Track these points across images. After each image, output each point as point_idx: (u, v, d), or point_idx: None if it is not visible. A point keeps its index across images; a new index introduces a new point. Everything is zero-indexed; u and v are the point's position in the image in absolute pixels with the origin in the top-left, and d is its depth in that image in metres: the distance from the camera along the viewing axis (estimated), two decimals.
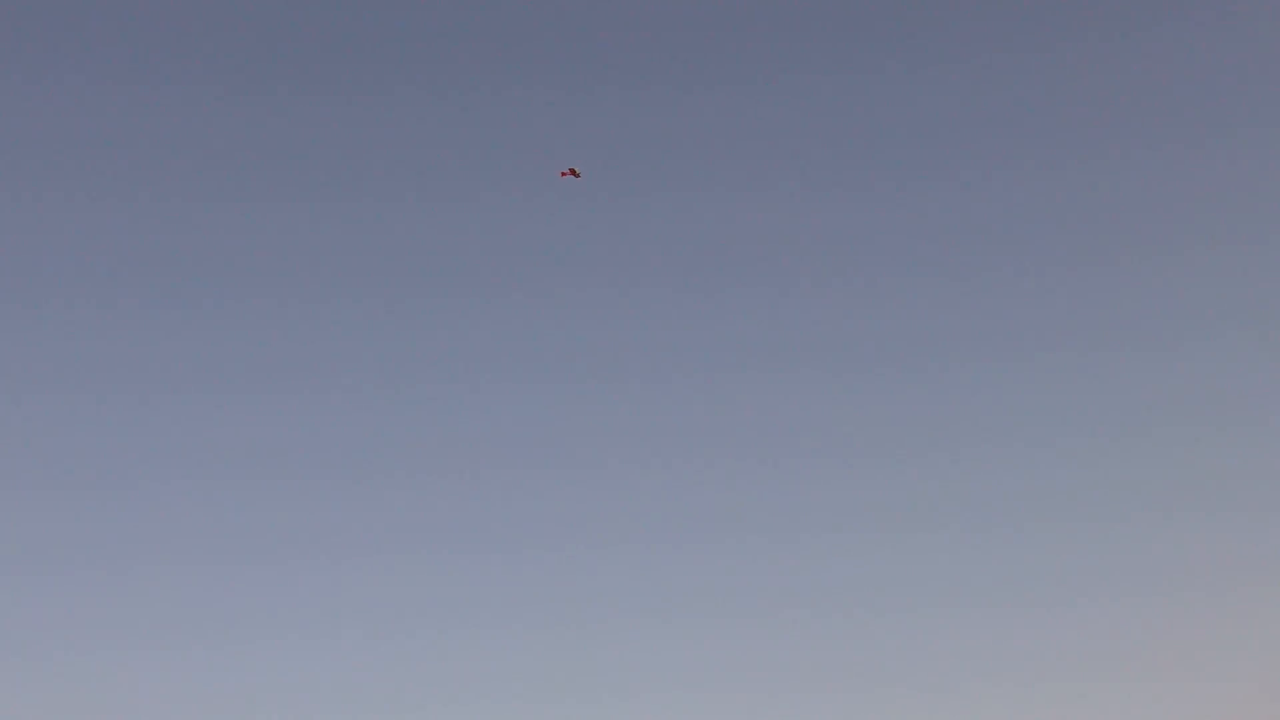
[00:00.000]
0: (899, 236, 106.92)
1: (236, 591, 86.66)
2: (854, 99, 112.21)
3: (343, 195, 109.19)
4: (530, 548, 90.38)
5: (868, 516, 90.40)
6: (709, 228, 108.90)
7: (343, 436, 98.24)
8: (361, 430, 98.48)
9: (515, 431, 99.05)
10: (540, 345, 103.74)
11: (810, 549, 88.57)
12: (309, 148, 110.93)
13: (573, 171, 66.32)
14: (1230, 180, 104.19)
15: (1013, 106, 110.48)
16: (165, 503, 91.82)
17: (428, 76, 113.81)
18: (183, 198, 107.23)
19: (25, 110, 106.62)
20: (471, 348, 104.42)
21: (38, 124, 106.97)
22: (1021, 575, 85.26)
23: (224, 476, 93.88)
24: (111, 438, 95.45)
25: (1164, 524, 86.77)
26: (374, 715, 78.79)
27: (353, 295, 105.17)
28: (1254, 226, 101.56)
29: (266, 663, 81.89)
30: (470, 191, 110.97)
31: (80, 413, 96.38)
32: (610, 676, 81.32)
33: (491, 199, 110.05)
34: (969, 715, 76.25)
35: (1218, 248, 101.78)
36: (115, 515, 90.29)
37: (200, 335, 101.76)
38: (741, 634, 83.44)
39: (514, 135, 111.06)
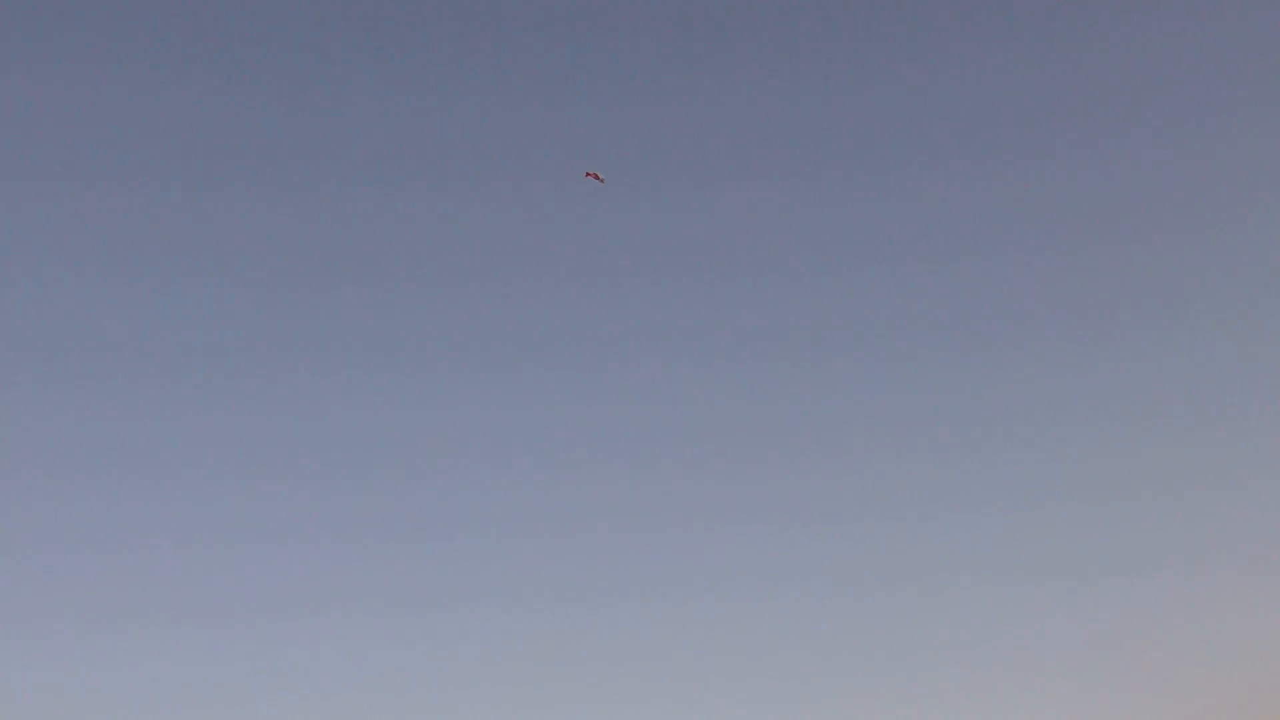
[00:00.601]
0: (893, 231, 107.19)
1: (230, 578, 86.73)
2: (844, 94, 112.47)
3: (348, 190, 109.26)
4: (525, 537, 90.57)
5: (864, 506, 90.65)
6: (703, 223, 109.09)
7: (338, 425, 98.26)
8: (358, 420, 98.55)
9: (508, 423, 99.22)
10: (535, 337, 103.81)
11: (809, 538, 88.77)
12: (317, 143, 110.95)
13: (596, 176, 66.83)
14: (1222, 172, 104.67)
15: (1004, 101, 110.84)
16: (162, 490, 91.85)
17: (431, 74, 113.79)
18: (186, 190, 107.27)
19: (29, 102, 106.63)
20: (465, 339, 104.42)
21: (43, 116, 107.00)
22: (1018, 563, 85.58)
23: (215, 464, 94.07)
24: (107, 425, 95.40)
25: (1157, 512, 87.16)
26: (372, 699, 79.01)
27: (344, 287, 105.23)
28: (1246, 217, 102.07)
29: (264, 648, 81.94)
30: (465, 186, 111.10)
31: (77, 401, 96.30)
32: (605, 665, 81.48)
33: (486, 194, 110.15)
34: (967, 701, 76.40)
35: (1211, 239, 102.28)
36: (110, 502, 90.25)
37: (203, 324, 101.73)
38: (743, 623, 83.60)
39: (507, 131, 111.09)
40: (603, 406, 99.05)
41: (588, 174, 67.74)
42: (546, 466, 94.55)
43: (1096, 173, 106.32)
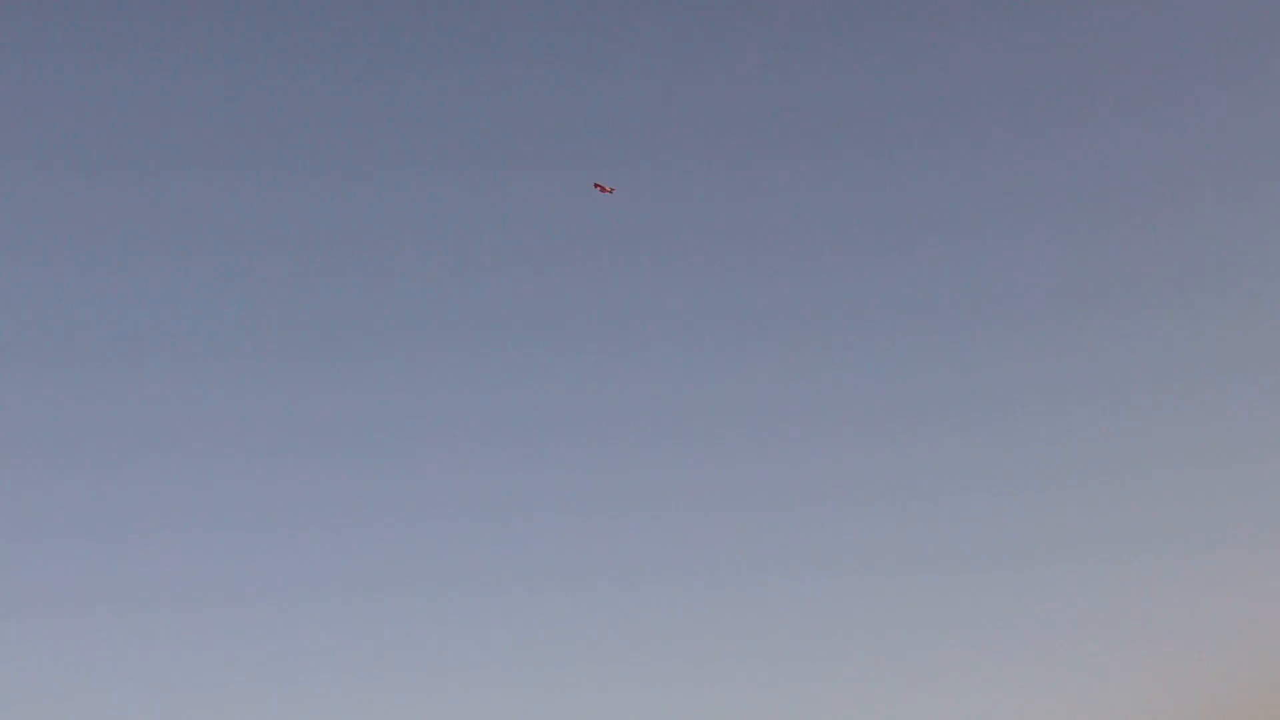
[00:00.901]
0: (892, 218, 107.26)
1: (237, 566, 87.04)
2: (845, 81, 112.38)
3: (348, 179, 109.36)
4: (525, 524, 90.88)
5: (866, 491, 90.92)
6: (703, 209, 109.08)
7: (340, 413, 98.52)
8: (358, 407, 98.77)
9: (507, 410, 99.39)
10: (534, 324, 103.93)
11: (811, 524, 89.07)
12: (316, 133, 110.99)
13: (602, 187, 65.21)
14: (1223, 158, 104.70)
15: (1005, 86, 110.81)
16: (163, 478, 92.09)
17: (430, 62, 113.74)
18: (189, 178, 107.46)
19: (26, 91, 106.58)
20: (467, 328, 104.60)
21: (37, 105, 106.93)
22: (1017, 548, 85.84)
23: (224, 452, 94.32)
24: (114, 413, 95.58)
25: (1150, 497, 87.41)
26: (371, 686, 79.31)
27: (347, 276, 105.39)
28: (1244, 205, 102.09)
29: (262, 634, 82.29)
30: (468, 173, 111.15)
31: (80, 390, 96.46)
32: (609, 649, 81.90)
33: (487, 181, 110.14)
34: (966, 685, 76.65)
35: (1212, 224, 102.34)
36: (112, 490, 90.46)
37: (208, 313, 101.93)
38: (745, 607, 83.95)
39: (508, 117, 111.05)
40: (606, 393, 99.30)
41: (595, 185, 65.98)
42: (548, 454, 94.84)
43: (1097, 159, 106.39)
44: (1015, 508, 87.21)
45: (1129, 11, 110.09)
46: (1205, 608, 77.07)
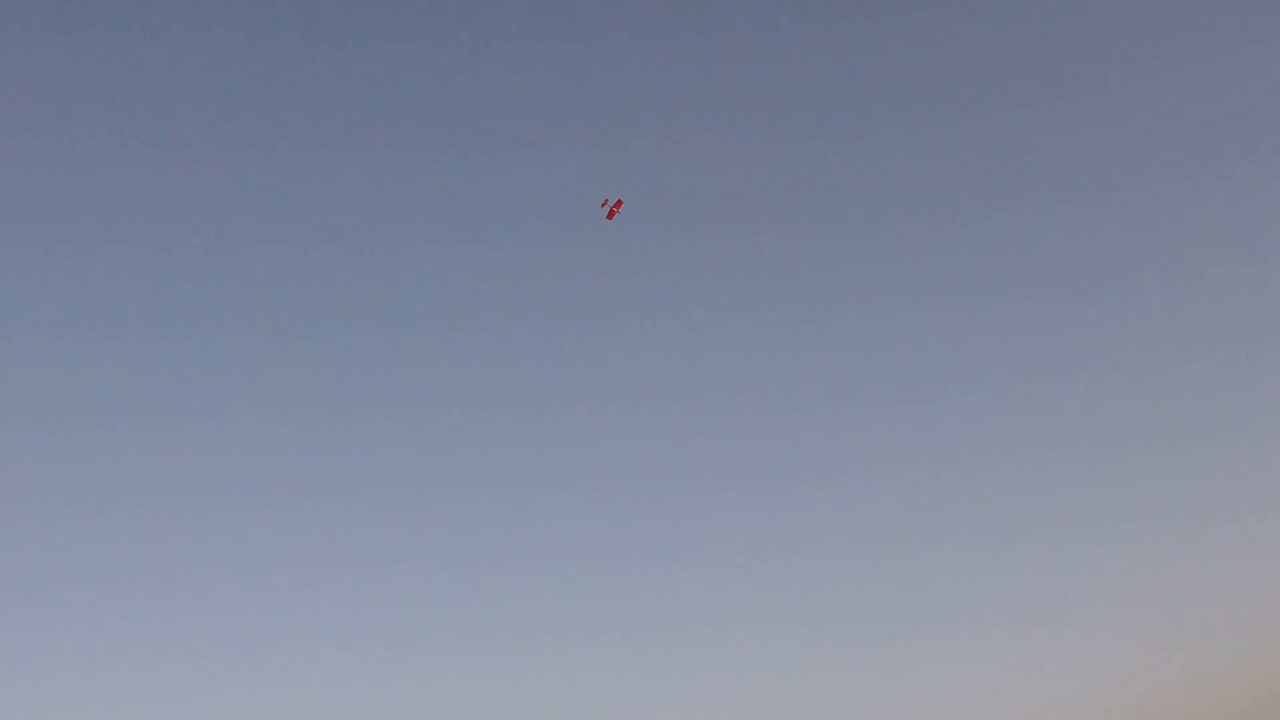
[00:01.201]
0: (890, 194, 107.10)
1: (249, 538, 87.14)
2: (837, 57, 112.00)
3: (348, 162, 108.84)
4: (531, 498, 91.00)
5: (856, 467, 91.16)
6: (701, 191, 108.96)
7: (344, 389, 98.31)
8: (362, 385, 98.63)
9: (506, 387, 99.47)
10: (539, 304, 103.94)
11: (804, 499, 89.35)
12: (315, 113, 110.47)
13: (612, 205, 63.92)
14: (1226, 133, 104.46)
15: (1000, 59, 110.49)
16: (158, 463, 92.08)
17: (430, 40, 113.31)
18: (190, 158, 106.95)
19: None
20: (464, 303, 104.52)
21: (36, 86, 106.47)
22: (1009, 526, 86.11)
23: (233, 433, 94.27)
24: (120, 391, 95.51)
25: (1139, 471, 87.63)
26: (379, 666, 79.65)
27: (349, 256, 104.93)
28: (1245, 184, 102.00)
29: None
30: (464, 152, 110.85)
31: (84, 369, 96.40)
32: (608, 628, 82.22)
33: (478, 160, 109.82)
34: (959, 657, 77.04)
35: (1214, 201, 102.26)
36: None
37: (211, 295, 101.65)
38: (740, 585, 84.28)
39: (508, 91, 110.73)
40: (601, 375, 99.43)
41: (603, 204, 64.49)
42: (547, 436, 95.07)
43: (1103, 138, 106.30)
44: (1014, 489, 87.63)
45: None
46: (1204, 591, 77.58)
